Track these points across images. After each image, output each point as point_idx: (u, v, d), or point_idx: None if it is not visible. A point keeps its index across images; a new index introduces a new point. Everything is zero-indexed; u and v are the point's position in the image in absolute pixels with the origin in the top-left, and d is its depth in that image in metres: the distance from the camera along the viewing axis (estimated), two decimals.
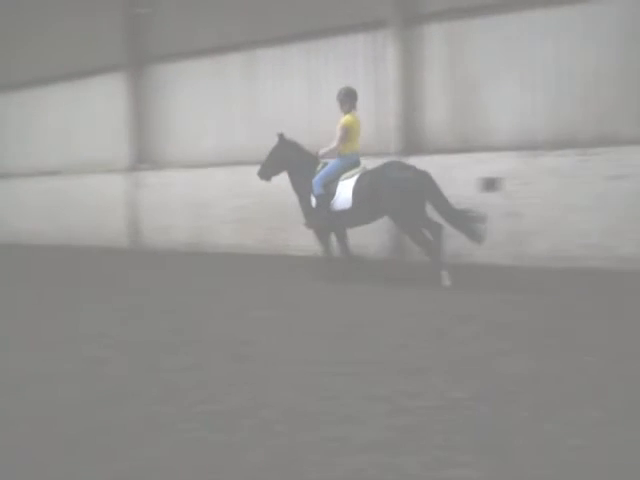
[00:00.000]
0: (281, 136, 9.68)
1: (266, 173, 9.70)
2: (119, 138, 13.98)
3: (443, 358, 5.56)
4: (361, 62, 11.20)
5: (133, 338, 6.70)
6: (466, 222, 8.43)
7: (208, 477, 3.62)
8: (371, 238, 10.46)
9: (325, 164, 9.21)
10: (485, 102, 10.23)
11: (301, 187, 9.38)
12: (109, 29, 14.04)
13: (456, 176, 9.90)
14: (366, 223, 9.23)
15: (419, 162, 10.20)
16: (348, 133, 8.95)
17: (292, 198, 9.76)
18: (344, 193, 8.83)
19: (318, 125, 11.53)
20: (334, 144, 9.05)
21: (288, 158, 9.51)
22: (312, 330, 6.69)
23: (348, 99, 9.09)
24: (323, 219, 9.08)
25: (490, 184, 9.83)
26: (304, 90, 11.82)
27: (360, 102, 9.31)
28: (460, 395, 4.67)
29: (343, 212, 8.91)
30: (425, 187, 8.54)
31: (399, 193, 8.49)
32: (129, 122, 13.86)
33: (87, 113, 14.90)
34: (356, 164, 9.05)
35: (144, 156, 13.85)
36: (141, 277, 10.41)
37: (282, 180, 9.74)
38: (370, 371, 5.28)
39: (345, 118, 9.02)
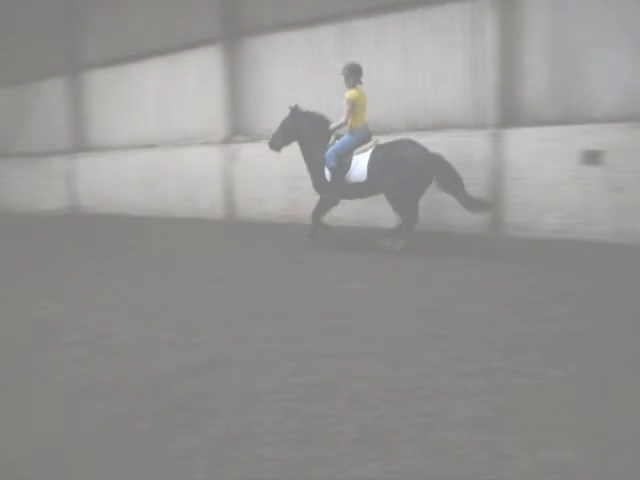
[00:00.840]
0: (294, 108, 10.02)
1: (277, 143, 10.13)
2: (214, 111, 14.16)
3: (539, 336, 5.42)
4: (458, 31, 10.92)
5: (228, 308, 6.82)
6: (473, 203, 8.84)
7: (302, 448, 3.66)
8: (468, 213, 10.28)
9: (338, 136, 9.47)
10: (589, 71, 9.80)
11: (312, 158, 9.73)
12: (205, 3, 14.19)
13: (556, 149, 9.58)
14: (375, 195, 9.49)
15: (517, 134, 9.93)
16: (354, 107, 9.24)
17: None
18: (359, 166, 9.13)
19: (414, 97, 11.35)
20: (342, 119, 9.37)
21: (300, 129, 9.87)
22: (407, 303, 6.64)
23: (352, 74, 9.42)
24: (338, 190, 9.41)
25: (592, 157, 9.45)
26: (399, 61, 11.62)
27: (456, 72, 9.11)
28: (559, 374, 4.54)
29: (357, 184, 9.22)
30: (435, 168, 8.90)
31: (405, 170, 8.82)
32: (224, 95, 14.02)
33: (183, 87, 15.15)
34: (367, 138, 9.35)
35: (239, 129, 14.00)
36: (236, 248, 10.57)
37: None
38: (464, 347, 5.20)
39: (350, 92, 9.31)
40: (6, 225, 16.25)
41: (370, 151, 9.18)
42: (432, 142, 10.19)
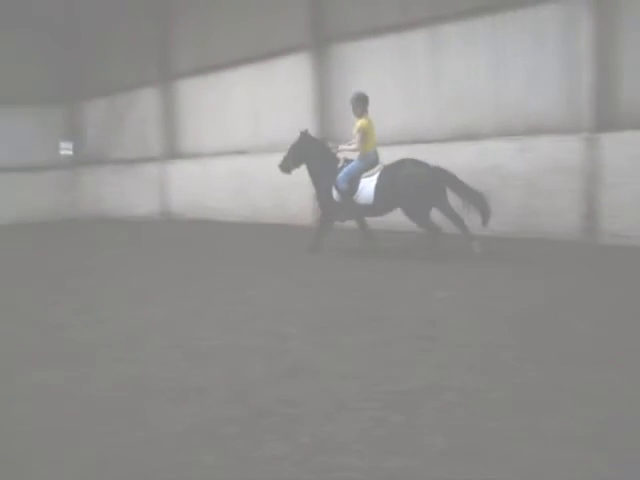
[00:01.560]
0: (304, 132, 10.63)
1: (287, 166, 10.67)
2: (303, 118, 14.24)
3: (617, 348, 5.20)
4: (551, 32, 10.62)
5: (316, 314, 6.82)
6: (482, 203, 9.21)
7: (388, 458, 3.60)
8: (561, 219, 9.98)
9: (347, 161, 10.04)
10: None
11: (320, 180, 10.34)
12: (294, 10, 14.31)
13: None
14: (382, 215, 10.07)
15: (614, 138, 9.58)
16: (365, 135, 9.80)
17: (472, 177, 9.51)
18: (366, 189, 9.71)
19: (506, 101, 11.12)
20: (353, 146, 9.95)
21: (309, 153, 10.46)
22: (496, 312, 6.49)
23: (360, 103, 9.95)
24: (347, 211, 10.03)
25: None
26: (490, 65, 11.40)
27: (549, 75, 8.84)
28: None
29: (365, 206, 9.82)
30: (441, 181, 9.40)
31: (413, 187, 9.34)
32: (312, 102, 14.09)
33: (272, 94, 15.31)
34: (376, 162, 9.88)
35: (327, 135, 14.03)
36: (321, 254, 10.57)
37: (471, 160, 9.46)
38: (558, 359, 5.02)
39: (361, 122, 9.84)
40: (100, 229, 16.81)
41: (377, 175, 9.71)
42: (524, 147, 9.97)
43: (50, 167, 20.32)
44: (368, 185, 9.72)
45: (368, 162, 9.84)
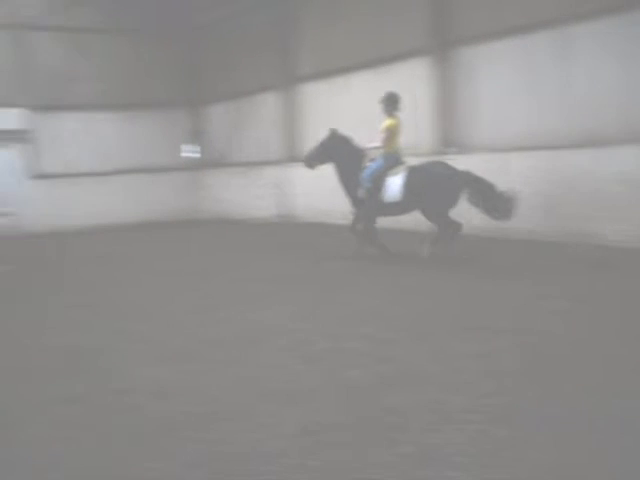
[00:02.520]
0: (334, 131, 10.89)
1: (313, 162, 10.98)
2: (423, 123, 14.11)
3: None
4: None
5: (414, 320, 6.76)
6: (507, 203, 9.50)
7: (491, 473, 3.52)
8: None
9: (372, 160, 10.26)
10: None
11: (348, 178, 10.56)
12: (414, 13, 14.20)
13: None
14: (406, 213, 10.33)
15: None
16: (391, 134, 10.11)
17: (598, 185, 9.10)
18: (393, 187, 9.91)
19: (635, 106, 10.57)
20: (378, 144, 10.22)
21: (337, 151, 10.68)
22: (607, 325, 6.23)
23: (391, 103, 10.31)
24: (373, 209, 10.25)
25: None
26: (621, 67, 10.87)
27: None
28: None
29: (391, 204, 10.02)
30: (467, 184, 9.65)
31: (442, 189, 9.62)
32: (433, 106, 13.93)
33: None
34: (398, 161, 10.13)
35: (448, 141, 13.84)
36: (436, 259, 10.42)
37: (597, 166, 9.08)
38: None
39: (389, 121, 10.16)
40: (220, 230, 17.25)
41: (404, 173, 9.93)
42: None
43: (174, 169, 21.10)
44: (395, 183, 9.91)
45: (391, 161, 10.10)
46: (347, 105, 16.45)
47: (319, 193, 16.97)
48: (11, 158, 18.89)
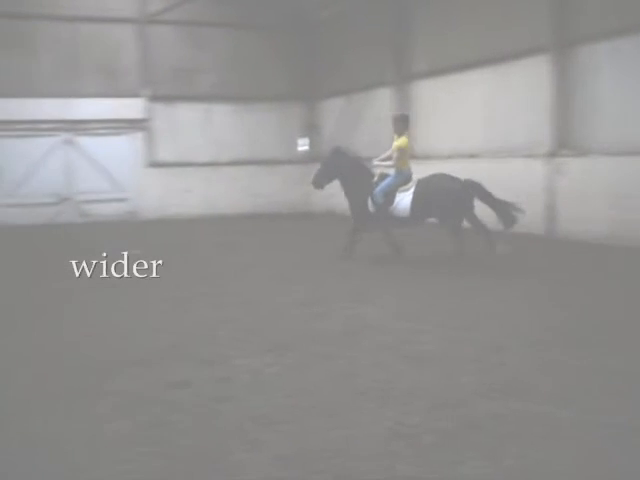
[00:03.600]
0: (336, 149, 11.17)
1: (320, 182, 11.09)
2: (540, 123, 13.62)
3: None
4: None
5: (535, 329, 6.45)
6: (509, 211, 9.92)
7: None
8: None
9: (383, 176, 10.55)
10: None
11: (355, 195, 10.80)
12: (532, 10, 13.71)
13: None
14: (416, 225, 10.72)
15: None
16: (403, 154, 10.38)
17: None
18: (403, 203, 10.24)
19: None
20: (391, 162, 10.50)
21: (342, 169, 10.88)
22: None
23: (401, 123, 10.59)
24: (383, 223, 10.57)
25: None
26: None
27: None
28: None
29: (401, 218, 10.37)
30: (471, 194, 10.07)
31: (447, 200, 9.97)
32: (551, 106, 13.40)
33: (508, 97, 14.78)
34: (409, 178, 10.44)
35: (566, 142, 13.31)
36: (551, 265, 10.03)
37: None
38: None
39: (402, 140, 10.38)
40: (328, 223, 17.22)
41: (412, 189, 10.24)
42: None
43: (287, 162, 21.30)
44: (405, 199, 10.27)
45: (403, 178, 10.41)
46: (463, 104, 16.10)
47: None
48: (131, 146, 19.60)
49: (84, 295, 8.53)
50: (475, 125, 15.78)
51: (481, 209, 10.26)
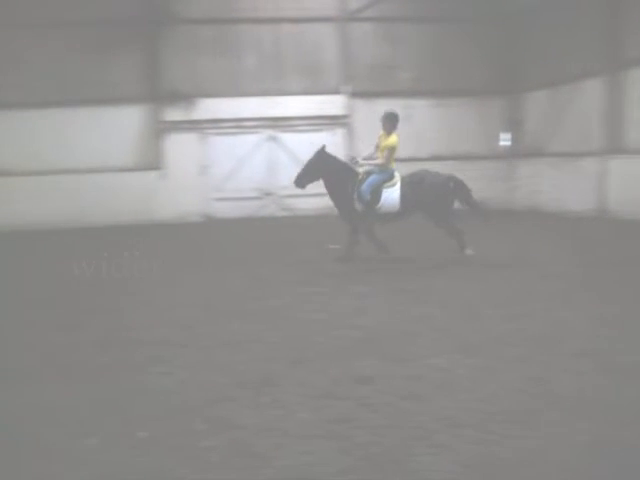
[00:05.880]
0: (321, 149, 10.99)
1: (303, 181, 10.97)
2: None
3: None
4: None
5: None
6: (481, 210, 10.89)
7: None
8: None
9: (367, 173, 10.63)
10: None
11: (339, 194, 10.80)
12: None
13: None
14: (402, 220, 10.91)
15: None
16: (393, 152, 10.57)
17: None
18: (391, 199, 10.47)
19: None
20: (381, 161, 10.57)
21: (326, 169, 10.84)
22: None
23: (389, 121, 10.80)
24: (370, 219, 10.69)
25: None
26: None
27: None
28: None
29: (389, 214, 10.60)
30: (454, 188, 10.55)
31: (435, 195, 10.41)
32: None
33: None
34: (393, 174, 10.61)
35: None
36: None
37: None
38: None
39: (393, 139, 10.59)
40: (532, 223, 16.58)
41: (398, 185, 10.48)
42: None
43: (487, 157, 20.74)
44: (392, 195, 10.47)
45: (387, 174, 10.58)
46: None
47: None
48: (332, 142, 19.93)
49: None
50: None
51: None
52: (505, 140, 21.04)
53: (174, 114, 19.02)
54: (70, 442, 4.12)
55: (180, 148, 19.08)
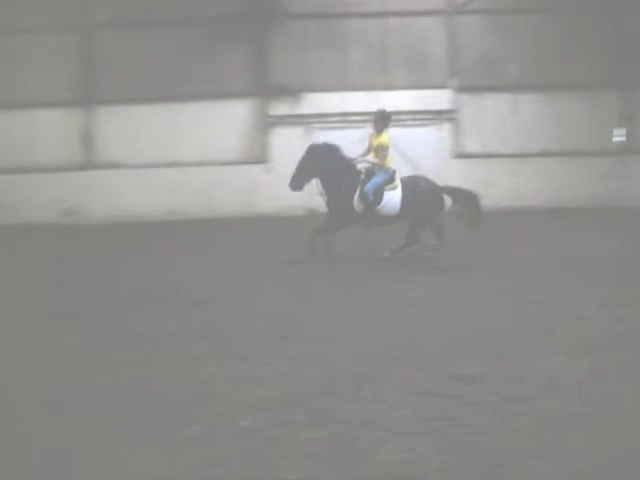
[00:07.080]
0: (312, 147, 10.68)
1: (298, 183, 10.48)
2: None
3: None
4: None
5: None
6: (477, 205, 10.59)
7: None
8: None
9: (368, 173, 10.37)
10: None
11: (339, 190, 10.33)
12: None
13: None
14: (397, 223, 10.58)
15: None
16: (387, 151, 10.52)
17: None
18: (392, 201, 10.29)
19: None
20: (378, 161, 10.41)
21: (321, 165, 10.37)
22: None
23: (381, 120, 10.77)
24: (371, 220, 10.39)
25: None
26: None
27: None
28: None
29: (388, 216, 10.37)
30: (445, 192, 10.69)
31: (432, 201, 10.39)
32: None
33: None
34: (393, 176, 10.46)
35: None
36: None
37: None
38: None
39: (384, 138, 10.52)
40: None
41: (400, 188, 10.32)
42: None
43: (599, 153, 19.94)
44: (394, 197, 10.29)
45: (388, 175, 10.40)
46: None
47: None
48: (438, 137, 19.76)
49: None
50: None
51: None
52: (619, 136, 20.19)
53: (280, 108, 19.23)
54: (173, 429, 4.22)
55: (285, 142, 19.24)
